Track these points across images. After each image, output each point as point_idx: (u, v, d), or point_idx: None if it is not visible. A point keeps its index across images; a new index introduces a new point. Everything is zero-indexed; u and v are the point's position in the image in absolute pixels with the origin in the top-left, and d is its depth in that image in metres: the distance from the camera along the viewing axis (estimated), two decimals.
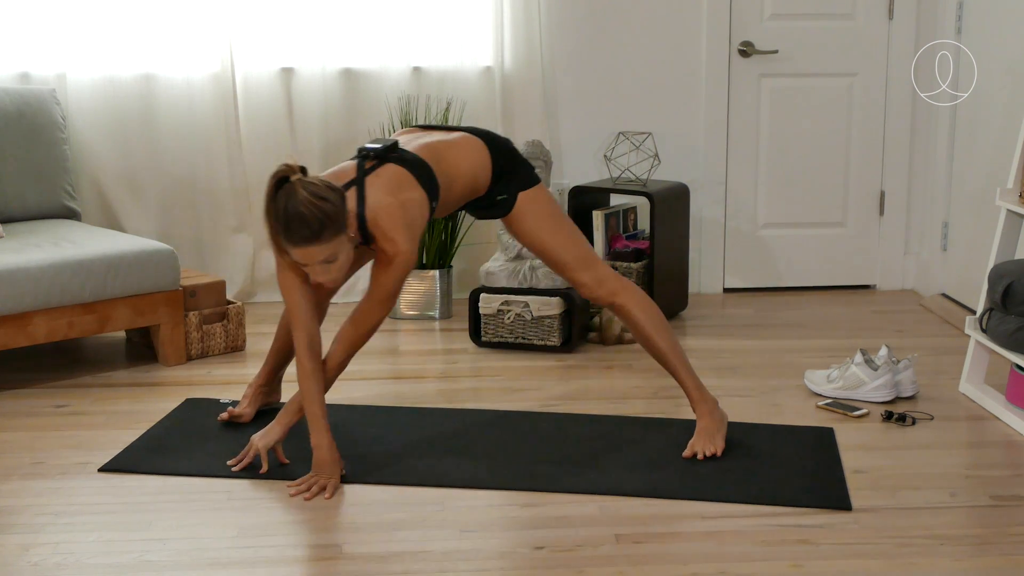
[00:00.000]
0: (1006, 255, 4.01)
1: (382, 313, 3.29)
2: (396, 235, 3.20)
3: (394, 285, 3.25)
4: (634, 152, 5.25)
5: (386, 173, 3.28)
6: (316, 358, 3.30)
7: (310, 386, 3.29)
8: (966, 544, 2.95)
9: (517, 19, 5.22)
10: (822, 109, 5.48)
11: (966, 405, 3.99)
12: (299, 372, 3.31)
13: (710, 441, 3.52)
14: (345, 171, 3.30)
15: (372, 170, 3.29)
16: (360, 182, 3.25)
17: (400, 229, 3.22)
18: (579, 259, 3.57)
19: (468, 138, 3.52)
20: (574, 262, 3.57)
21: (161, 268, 4.36)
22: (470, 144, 3.50)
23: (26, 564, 2.85)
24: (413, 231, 3.25)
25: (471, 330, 4.73)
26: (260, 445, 3.38)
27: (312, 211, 3.03)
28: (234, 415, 3.78)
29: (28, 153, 4.72)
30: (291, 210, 3.03)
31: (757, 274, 5.62)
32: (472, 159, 3.48)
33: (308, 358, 3.29)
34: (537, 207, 3.55)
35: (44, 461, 3.51)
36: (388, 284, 3.25)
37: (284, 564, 2.86)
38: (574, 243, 3.57)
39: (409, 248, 3.23)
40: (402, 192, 3.26)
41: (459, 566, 2.84)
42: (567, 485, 3.29)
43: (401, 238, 3.21)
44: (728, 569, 2.81)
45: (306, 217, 3.03)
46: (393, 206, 3.22)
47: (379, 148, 3.32)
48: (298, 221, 3.03)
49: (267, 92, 5.22)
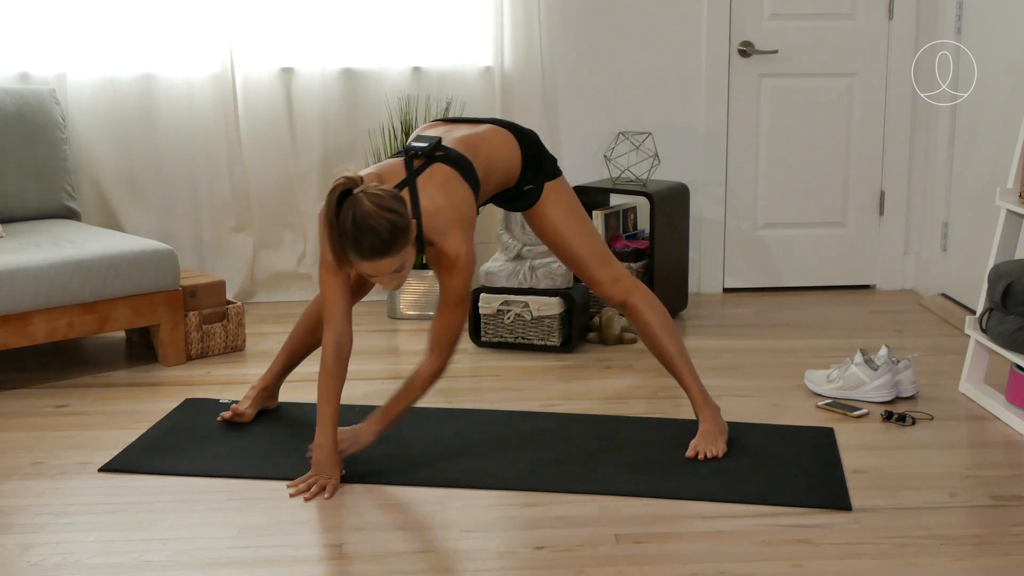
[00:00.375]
0: (1006, 255, 4.01)
1: (463, 314, 3.30)
2: (455, 238, 3.20)
3: (464, 287, 3.26)
4: (634, 152, 5.25)
5: (436, 173, 3.26)
6: (341, 359, 3.29)
7: (329, 385, 3.29)
8: (966, 544, 2.95)
9: (517, 19, 5.22)
10: (822, 109, 5.48)
11: (966, 405, 3.99)
12: (321, 369, 3.29)
13: (713, 443, 3.52)
14: (393, 170, 3.28)
15: (421, 170, 3.27)
16: (412, 183, 3.24)
17: (457, 231, 3.21)
18: (597, 255, 3.57)
19: (497, 130, 3.51)
20: (592, 258, 3.57)
21: (161, 268, 4.36)
22: (501, 136, 3.49)
23: (26, 564, 2.85)
24: (468, 231, 3.26)
25: (471, 330, 4.73)
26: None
27: (382, 224, 3.00)
28: (236, 413, 3.77)
29: (28, 153, 4.72)
30: (361, 224, 2.99)
31: (757, 274, 5.62)
32: (504, 151, 3.48)
33: (333, 357, 3.27)
34: (561, 199, 3.56)
35: (44, 461, 3.51)
36: (459, 287, 3.25)
37: (284, 564, 2.86)
38: (593, 239, 3.58)
39: (468, 249, 3.23)
40: (453, 193, 3.25)
41: (459, 566, 2.84)
42: (567, 485, 3.29)
43: (460, 240, 3.21)
44: (728, 569, 2.81)
45: (377, 230, 3.00)
46: (447, 208, 3.22)
47: (426, 147, 3.29)
48: (369, 234, 3.00)
49: (267, 92, 5.22)
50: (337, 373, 3.29)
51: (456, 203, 3.24)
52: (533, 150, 3.53)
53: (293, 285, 5.44)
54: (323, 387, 3.29)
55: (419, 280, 5.10)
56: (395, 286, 3.16)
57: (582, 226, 3.57)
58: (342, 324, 3.28)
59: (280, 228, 5.39)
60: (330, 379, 3.29)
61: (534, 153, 3.52)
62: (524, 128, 3.57)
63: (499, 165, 3.45)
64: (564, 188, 3.58)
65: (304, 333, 3.79)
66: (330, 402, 3.29)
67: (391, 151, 5.12)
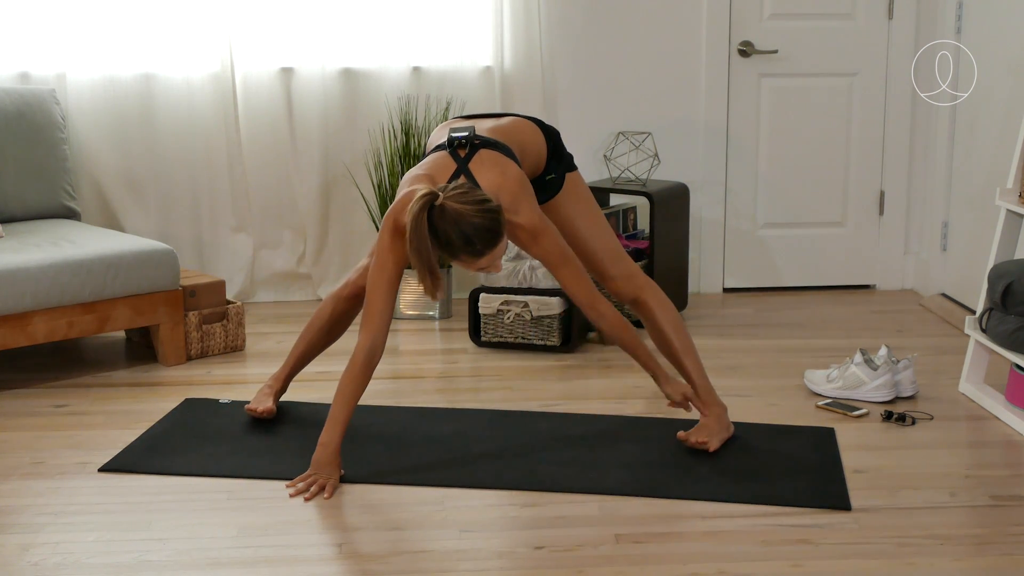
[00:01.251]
0: (1006, 255, 4.01)
1: (576, 265, 3.32)
2: (524, 209, 3.23)
3: (557, 246, 3.29)
4: (634, 152, 5.25)
5: (485, 157, 3.29)
6: (370, 366, 3.27)
7: (351, 388, 3.27)
8: (966, 544, 2.95)
9: (517, 19, 5.22)
10: (822, 109, 5.48)
11: (966, 405, 3.99)
12: (348, 371, 3.26)
13: (706, 434, 3.51)
14: (444, 164, 3.30)
15: (469, 157, 3.29)
16: (466, 170, 3.27)
17: (524, 202, 3.25)
18: (611, 251, 3.59)
19: (522, 120, 3.54)
20: (606, 254, 3.58)
21: (161, 268, 4.36)
22: (527, 126, 3.52)
23: (26, 564, 2.86)
24: (533, 199, 3.29)
25: (471, 330, 4.73)
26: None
27: (484, 217, 3.04)
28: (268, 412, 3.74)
29: (28, 153, 4.72)
30: (465, 227, 3.02)
31: (757, 274, 5.62)
32: (532, 139, 3.50)
33: (364, 362, 3.25)
34: (579, 192, 3.59)
35: (44, 461, 3.51)
36: (554, 248, 3.28)
37: (284, 564, 2.86)
38: (608, 235, 3.60)
39: (540, 215, 3.26)
40: (508, 168, 3.29)
41: (459, 566, 2.84)
42: (567, 485, 3.29)
43: (530, 210, 3.24)
44: (728, 569, 2.81)
45: (486, 226, 3.04)
46: (508, 183, 3.25)
47: (466, 135, 3.31)
48: (482, 232, 3.04)
49: (267, 92, 5.21)
50: (363, 380, 3.27)
51: (514, 177, 3.27)
52: (556, 140, 3.57)
53: (293, 285, 5.44)
54: (345, 389, 3.27)
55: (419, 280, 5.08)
56: (498, 268, 3.20)
57: (598, 221, 3.59)
58: (381, 334, 3.27)
59: (280, 228, 5.38)
60: (354, 383, 3.26)
61: (557, 143, 3.56)
62: (543, 121, 3.62)
63: (530, 151, 3.49)
64: (581, 182, 3.61)
65: (310, 338, 3.78)
66: (347, 405, 3.27)
67: (391, 151, 5.11)
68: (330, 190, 5.33)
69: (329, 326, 3.76)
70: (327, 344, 3.82)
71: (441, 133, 3.51)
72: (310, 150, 5.27)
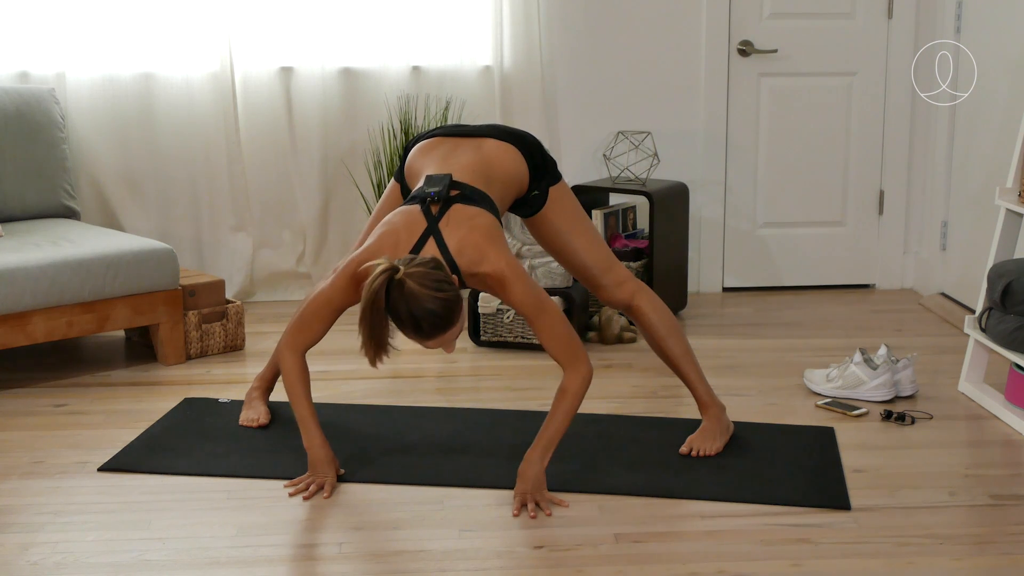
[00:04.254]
0: (1005, 254, 4.01)
1: (555, 312, 3.14)
2: (491, 256, 3.12)
3: (531, 292, 3.14)
4: (633, 151, 5.25)
5: (456, 215, 3.18)
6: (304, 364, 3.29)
7: (299, 388, 3.28)
8: (965, 543, 2.95)
9: (516, 18, 5.22)
10: (821, 108, 5.48)
11: (965, 404, 3.99)
12: (287, 377, 3.28)
13: (709, 441, 3.52)
14: (413, 221, 3.18)
15: (440, 215, 3.18)
16: (435, 230, 3.16)
17: (490, 249, 3.13)
18: (600, 261, 3.52)
19: (500, 146, 3.40)
20: (596, 264, 3.52)
21: (160, 267, 4.36)
22: (506, 154, 3.39)
23: (25, 563, 2.85)
24: (501, 244, 3.17)
25: (470, 329, 4.73)
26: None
27: (437, 303, 2.96)
28: (260, 424, 3.74)
29: (27, 152, 4.72)
30: (416, 310, 2.95)
31: (756, 273, 5.62)
32: (513, 168, 3.39)
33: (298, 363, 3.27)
34: (564, 204, 3.50)
35: (43, 460, 3.51)
36: (528, 295, 3.14)
37: (283, 564, 2.86)
38: (596, 244, 3.53)
39: (509, 260, 3.14)
40: (476, 220, 3.17)
41: (459, 566, 2.84)
42: (567, 485, 3.29)
43: (497, 255, 3.13)
44: (727, 568, 2.81)
45: (435, 312, 2.96)
46: (473, 235, 3.14)
47: (439, 191, 3.20)
48: (429, 317, 2.96)
49: (266, 91, 5.21)
50: (304, 376, 3.29)
51: (482, 228, 3.16)
52: (537, 158, 3.46)
53: (292, 284, 5.44)
54: (294, 391, 3.28)
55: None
56: (454, 348, 3.13)
57: (585, 232, 3.51)
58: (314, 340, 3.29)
59: (279, 227, 5.38)
60: (299, 382, 3.28)
61: (538, 161, 3.46)
62: (524, 134, 3.49)
63: (512, 180, 3.39)
64: (566, 193, 3.52)
65: None
66: (305, 404, 3.29)
67: (391, 150, 5.11)
68: (330, 189, 5.33)
69: None
70: None
71: (419, 163, 3.40)
72: (310, 149, 5.27)
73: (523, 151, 3.43)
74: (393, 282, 2.97)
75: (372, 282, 2.96)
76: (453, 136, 3.46)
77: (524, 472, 3.19)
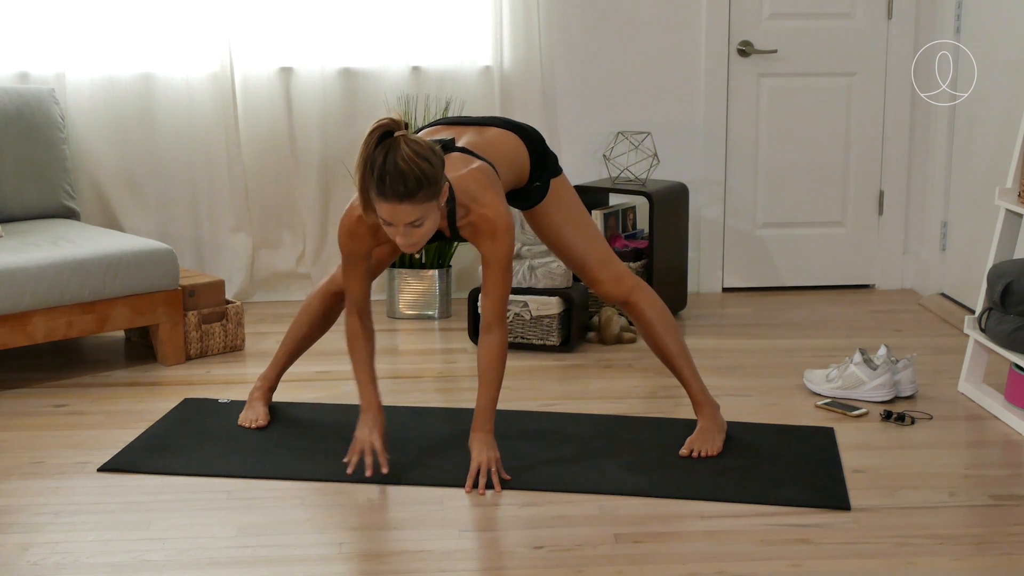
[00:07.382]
0: (1005, 254, 4.01)
1: (510, 280, 3.27)
2: (489, 198, 3.18)
3: (509, 251, 3.23)
4: (633, 152, 5.25)
5: (458, 159, 3.26)
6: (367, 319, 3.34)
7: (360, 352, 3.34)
8: (965, 543, 2.95)
9: (516, 19, 5.22)
10: (821, 109, 5.48)
11: (965, 405, 4.00)
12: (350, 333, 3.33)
13: (709, 441, 3.52)
14: None
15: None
16: None
17: (490, 191, 3.19)
18: (598, 255, 3.55)
19: (503, 134, 3.46)
20: (594, 258, 3.54)
21: (160, 268, 4.36)
22: (509, 141, 3.45)
23: (25, 563, 2.85)
24: (501, 193, 3.24)
25: (470, 330, 4.73)
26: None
27: (412, 168, 2.95)
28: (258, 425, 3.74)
29: (27, 153, 4.72)
30: (390, 165, 2.95)
31: (756, 274, 5.62)
32: (514, 155, 3.44)
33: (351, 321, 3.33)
34: (564, 198, 3.53)
35: (43, 461, 3.51)
36: (506, 252, 3.22)
37: (283, 564, 2.86)
38: (594, 239, 3.56)
39: (506, 209, 3.21)
40: (477, 163, 3.25)
41: (459, 566, 2.84)
42: (567, 485, 3.29)
43: (496, 200, 3.19)
44: (727, 569, 2.81)
45: (405, 174, 2.94)
46: (474, 172, 3.21)
47: (446, 141, 3.29)
48: (396, 176, 2.94)
49: (266, 91, 5.21)
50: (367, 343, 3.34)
51: (483, 168, 3.23)
52: (539, 150, 3.49)
53: (292, 285, 5.44)
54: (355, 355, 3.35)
55: (418, 280, 5.10)
56: (409, 245, 3.08)
57: (584, 225, 3.54)
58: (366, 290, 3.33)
59: (279, 228, 5.38)
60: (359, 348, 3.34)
61: (540, 152, 3.50)
62: (528, 127, 3.53)
63: (513, 165, 3.43)
64: (566, 187, 3.55)
65: (298, 331, 3.76)
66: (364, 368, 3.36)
67: None
68: (329, 190, 5.33)
69: (319, 320, 3.74)
70: (315, 339, 3.81)
71: None
72: (309, 150, 5.27)
73: (525, 141, 3.48)
74: (388, 135, 3.00)
75: (373, 126, 3.00)
76: (456, 123, 3.52)
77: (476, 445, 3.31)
